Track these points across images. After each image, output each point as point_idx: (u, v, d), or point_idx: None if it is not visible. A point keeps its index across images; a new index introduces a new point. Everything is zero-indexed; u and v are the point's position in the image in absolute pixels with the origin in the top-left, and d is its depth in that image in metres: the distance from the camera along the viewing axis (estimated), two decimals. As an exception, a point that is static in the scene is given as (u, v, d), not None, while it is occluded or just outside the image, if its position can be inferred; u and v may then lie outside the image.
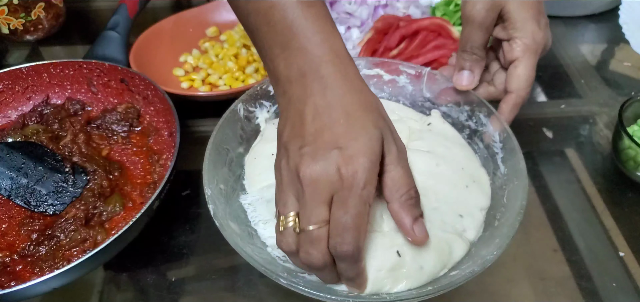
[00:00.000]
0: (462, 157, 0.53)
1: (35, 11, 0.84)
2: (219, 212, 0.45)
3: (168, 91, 0.64)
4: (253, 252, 0.44)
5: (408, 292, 0.42)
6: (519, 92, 0.53)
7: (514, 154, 0.50)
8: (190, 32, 0.84)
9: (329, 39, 0.41)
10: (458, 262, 0.45)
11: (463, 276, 0.41)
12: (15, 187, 0.57)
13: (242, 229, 0.48)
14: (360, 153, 0.37)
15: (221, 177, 0.50)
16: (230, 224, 0.46)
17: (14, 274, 0.51)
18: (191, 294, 0.53)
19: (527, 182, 0.47)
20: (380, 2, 0.81)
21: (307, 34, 0.40)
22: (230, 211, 0.48)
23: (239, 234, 0.46)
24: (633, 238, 0.56)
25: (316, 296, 0.40)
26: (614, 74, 0.79)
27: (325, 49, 0.40)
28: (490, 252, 0.42)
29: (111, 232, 0.54)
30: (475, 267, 0.42)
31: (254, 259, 0.42)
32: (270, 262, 0.45)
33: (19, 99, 0.69)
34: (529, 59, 0.53)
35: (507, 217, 0.45)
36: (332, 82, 0.39)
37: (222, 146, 0.52)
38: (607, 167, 0.65)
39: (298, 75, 0.40)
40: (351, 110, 0.39)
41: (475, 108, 0.55)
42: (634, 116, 0.64)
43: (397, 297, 0.41)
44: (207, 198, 0.46)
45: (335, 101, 0.39)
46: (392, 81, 0.59)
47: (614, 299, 0.51)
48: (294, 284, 0.40)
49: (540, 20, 0.53)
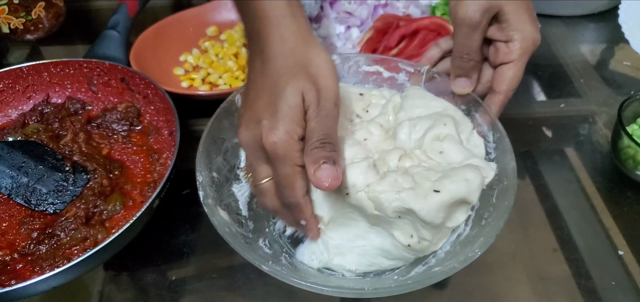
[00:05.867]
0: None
1: (36, 10, 0.84)
2: (209, 199, 0.47)
3: (168, 90, 0.64)
4: (240, 239, 0.45)
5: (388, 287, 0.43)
6: (507, 93, 0.53)
7: (505, 154, 0.49)
8: (190, 31, 0.85)
9: None
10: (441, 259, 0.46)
11: (442, 272, 0.42)
12: (16, 186, 0.57)
13: (233, 217, 0.49)
14: (278, 125, 0.41)
15: (215, 165, 0.51)
16: (219, 211, 0.47)
17: (14, 273, 0.51)
18: (191, 293, 0.53)
19: (516, 183, 0.46)
20: (380, 1, 0.81)
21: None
22: (221, 199, 0.50)
23: (227, 222, 0.47)
24: (632, 237, 0.56)
25: (296, 283, 0.41)
26: (613, 74, 0.79)
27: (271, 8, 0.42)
28: (473, 250, 0.43)
29: (111, 231, 0.54)
30: (456, 264, 0.42)
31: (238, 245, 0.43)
32: (255, 250, 0.47)
33: (20, 98, 0.69)
34: (523, 61, 0.52)
35: (494, 217, 0.45)
36: (269, 46, 0.42)
37: (218, 136, 0.53)
38: (607, 166, 0.65)
39: (248, 38, 0.45)
40: (277, 76, 0.41)
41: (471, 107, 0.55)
42: (634, 115, 0.64)
43: (376, 292, 0.43)
44: (198, 184, 0.47)
45: (267, 68, 0.42)
46: (391, 78, 0.60)
47: (613, 298, 0.51)
48: (278, 272, 0.42)
49: (535, 21, 0.53)
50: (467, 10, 0.51)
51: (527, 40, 0.52)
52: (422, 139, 0.49)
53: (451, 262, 0.43)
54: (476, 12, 0.51)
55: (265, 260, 0.44)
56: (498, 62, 0.53)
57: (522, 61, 0.52)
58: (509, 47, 0.52)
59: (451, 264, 0.43)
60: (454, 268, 0.42)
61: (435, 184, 0.43)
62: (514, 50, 0.52)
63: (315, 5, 0.82)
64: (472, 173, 0.45)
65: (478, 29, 0.52)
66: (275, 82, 0.41)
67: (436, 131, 0.49)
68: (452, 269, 0.42)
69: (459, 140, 0.49)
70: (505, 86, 0.53)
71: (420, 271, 0.47)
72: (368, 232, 0.48)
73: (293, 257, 0.51)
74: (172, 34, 0.82)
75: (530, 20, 0.52)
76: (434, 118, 0.50)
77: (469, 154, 0.48)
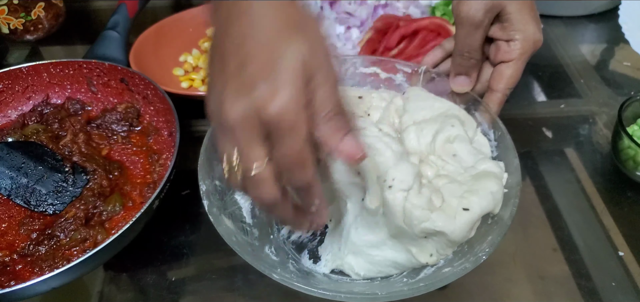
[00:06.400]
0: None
1: (35, 11, 0.84)
2: (214, 208, 0.46)
3: (168, 91, 0.64)
4: (247, 248, 0.45)
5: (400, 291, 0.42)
6: (505, 92, 0.53)
7: (508, 151, 0.49)
8: (190, 31, 0.84)
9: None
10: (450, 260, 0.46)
11: (454, 273, 0.42)
12: (15, 186, 0.57)
13: (237, 226, 0.48)
14: (281, 89, 0.34)
15: (217, 173, 0.50)
16: (224, 220, 0.46)
17: (14, 274, 0.51)
18: (191, 294, 0.53)
19: (520, 180, 0.46)
20: (380, 2, 0.81)
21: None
22: (225, 207, 0.49)
23: (233, 230, 0.46)
24: (632, 237, 0.56)
25: (308, 290, 0.41)
26: (613, 74, 0.79)
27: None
28: (483, 250, 0.42)
29: (111, 232, 0.54)
30: (467, 264, 0.42)
31: (247, 254, 0.43)
32: (263, 258, 0.46)
33: (19, 98, 0.69)
34: (522, 60, 0.52)
35: (501, 215, 0.45)
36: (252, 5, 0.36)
37: None
38: (607, 167, 0.65)
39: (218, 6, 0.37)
40: (273, 35, 0.35)
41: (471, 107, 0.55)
42: (634, 116, 0.64)
43: (389, 296, 0.42)
44: (202, 194, 0.47)
45: (259, 23, 0.35)
46: (388, 79, 0.59)
47: (613, 298, 0.51)
48: (288, 280, 0.41)
49: (538, 22, 0.53)
50: (470, 9, 0.51)
51: (528, 40, 0.52)
52: (433, 144, 0.49)
53: (461, 263, 0.43)
54: (479, 11, 0.51)
55: (274, 268, 0.43)
56: (498, 61, 0.53)
57: (522, 61, 0.52)
58: (509, 46, 0.52)
59: (462, 264, 0.42)
60: (465, 269, 0.41)
61: (463, 202, 0.43)
62: (514, 50, 0.52)
63: (315, 5, 0.82)
64: (496, 185, 0.45)
65: (480, 28, 0.52)
66: (270, 43, 0.35)
67: (446, 134, 0.49)
68: (464, 270, 0.41)
69: (469, 140, 0.49)
70: (503, 84, 0.53)
71: (430, 273, 0.46)
72: (384, 243, 0.47)
73: (299, 263, 0.51)
74: (172, 34, 0.82)
75: (533, 21, 0.52)
76: (440, 120, 0.50)
77: (479, 154, 0.48)
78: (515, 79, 0.53)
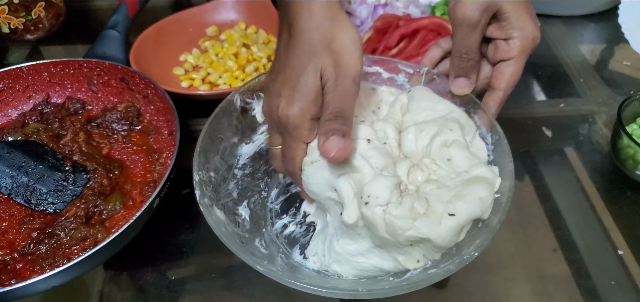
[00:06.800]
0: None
1: (36, 10, 0.84)
2: (206, 198, 0.47)
3: (168, 90, 0.64)
4: (235, 239, 0.46)
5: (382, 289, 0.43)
6: (506, 90, 0.53)
7: (504, 156, 0.49)
8: (190, 31, 0.85)
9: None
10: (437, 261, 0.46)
11: (438, 273, 0.42)
12: (16, 185, 0.57)
13: (229, 217, 0.49)
14: (295, 100, 0.44)
15: (213, 165, 0.51)
16: (216, 211, 0.47)
17: (14, 272, 0.51)
18: (191, 293, 0.53)
19: (513, 185, 0.46)
20: (380, 1, 0.81)
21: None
22: (218, 198, 0.50)
23: (224, 221, 0.47)
24: (632, 237, 0.56)
25: (290, 284, 0.41)
26: (613, 74, 0.79)
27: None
28: (469, 252, 0.42)
29: (111, 231, 0.54)
30: (452, 266, 0.42)
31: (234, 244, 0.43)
32: (251, 251, 0.47)
33: (20, 98, 0.69)
34: (522, 58, 0.52)
35: (491, 219, 0.45)
36: (297, 20, 0.44)
37: (216, 135, 0.53)
38: (606, 166, 0.65)
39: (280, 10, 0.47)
40: (301, 53, 0.44)
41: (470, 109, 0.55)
42: (633, 115, 0.64)
43: (370, 293, 0.43)
44: (195, 184, 0.47)
45: (292, 43, 0.44)
46: (390, 79, 0.59)
47: (613, 298, 0.51)
48: (272, 273, 0.42)
49: (534, 19, 0.53)
50: (466, 10, 0.51)
51: (527, 38, 0.52)
52: (430, 146, 0.49)
53: (447, 264, 0.43)
54: (475, 12, 0.50)
55: (261, 260, 0.44)
56: (497, 59, 0.53)
57: (522, 59, 0.52)
58: (508, 45, 0.52)
59: (447, 266, 0.42)
60: (449, 270, 0.41)
61: (449, 207, 0.43)
62: (513, 48, 0.52)
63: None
64: (485, 190, 0.45)
65: (477, 29, 0.51)
66: (298, 59, 0.44)
67: (443, 137, 0.49)
68: (448, 271, 0.41)
69: (466, 145, 0.49)
70: (505, 83, 0.53)
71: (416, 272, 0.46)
72: (370, 251, 0.47)
73: (290, 258, 0.51)
74: (172, 34, 0.82)
75: (530, 18, 0.52)
76: (440, 123, 0.50)
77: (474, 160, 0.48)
78: (517, 77, 0.53)
